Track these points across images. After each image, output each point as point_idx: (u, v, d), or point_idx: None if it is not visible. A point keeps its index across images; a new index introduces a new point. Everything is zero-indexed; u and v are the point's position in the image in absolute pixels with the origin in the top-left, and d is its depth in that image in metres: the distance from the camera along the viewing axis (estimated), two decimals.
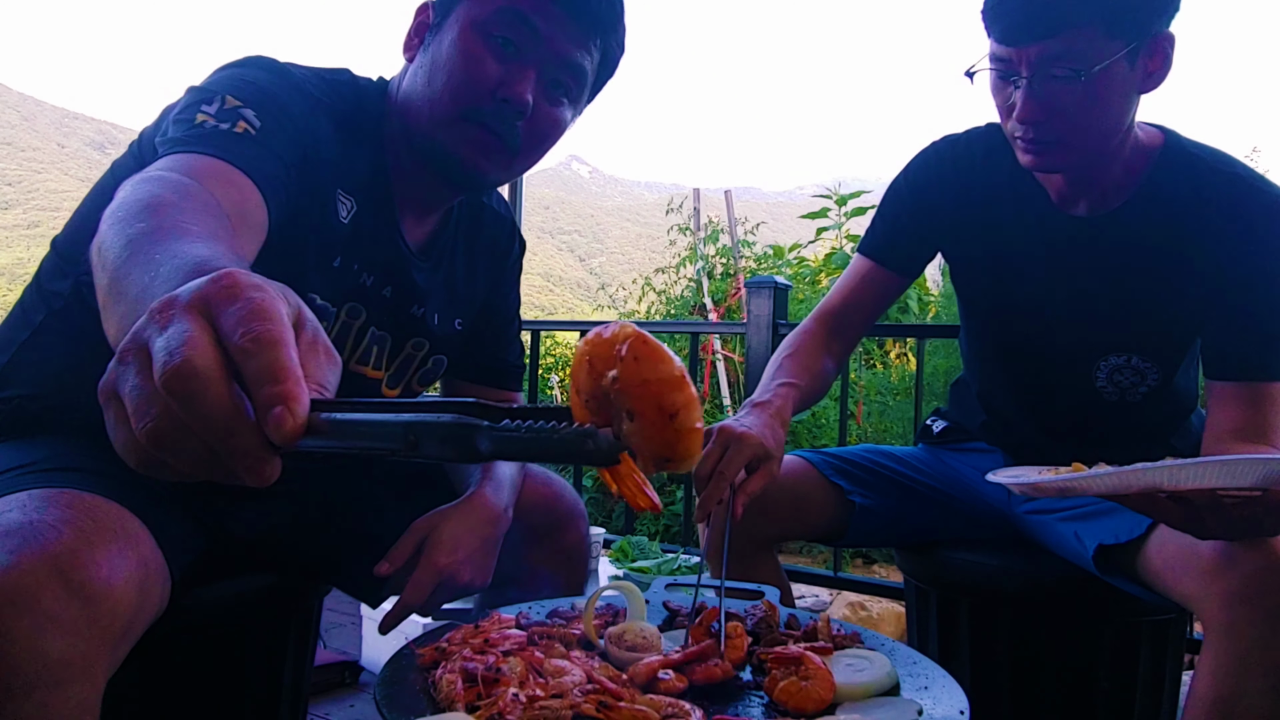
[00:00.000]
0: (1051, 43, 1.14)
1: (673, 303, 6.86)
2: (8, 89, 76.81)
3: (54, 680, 0.72)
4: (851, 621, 1.73)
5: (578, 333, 3.27)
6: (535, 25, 1.03)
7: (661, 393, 0.47)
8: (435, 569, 1.05)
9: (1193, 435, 1.42)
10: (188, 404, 0.41)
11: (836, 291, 1.52)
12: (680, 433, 0.47)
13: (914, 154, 1.49)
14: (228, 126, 0.89)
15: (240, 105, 0.92)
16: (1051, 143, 1.22)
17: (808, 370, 1.40)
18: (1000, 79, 1.23)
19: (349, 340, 1.12)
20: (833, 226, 6.03)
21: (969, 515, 1.50)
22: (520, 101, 1.03)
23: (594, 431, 0.44)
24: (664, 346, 0.48)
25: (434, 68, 1.05)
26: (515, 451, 0.43)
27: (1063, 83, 1.16)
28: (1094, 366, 1.36)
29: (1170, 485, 0.92)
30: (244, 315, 0.42)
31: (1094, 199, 1.31)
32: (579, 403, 0.51)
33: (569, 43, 1.05)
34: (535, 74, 1.05)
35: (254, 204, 0.87)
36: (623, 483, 0.49)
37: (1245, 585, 1.01)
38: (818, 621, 1.01)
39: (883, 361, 5.71)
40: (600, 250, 70.74)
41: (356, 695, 2.06)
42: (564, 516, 1.29)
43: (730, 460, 1.12)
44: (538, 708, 0.76)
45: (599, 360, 0.49)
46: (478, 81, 1.03)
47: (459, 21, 1.04)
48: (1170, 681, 1.39)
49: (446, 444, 0.43)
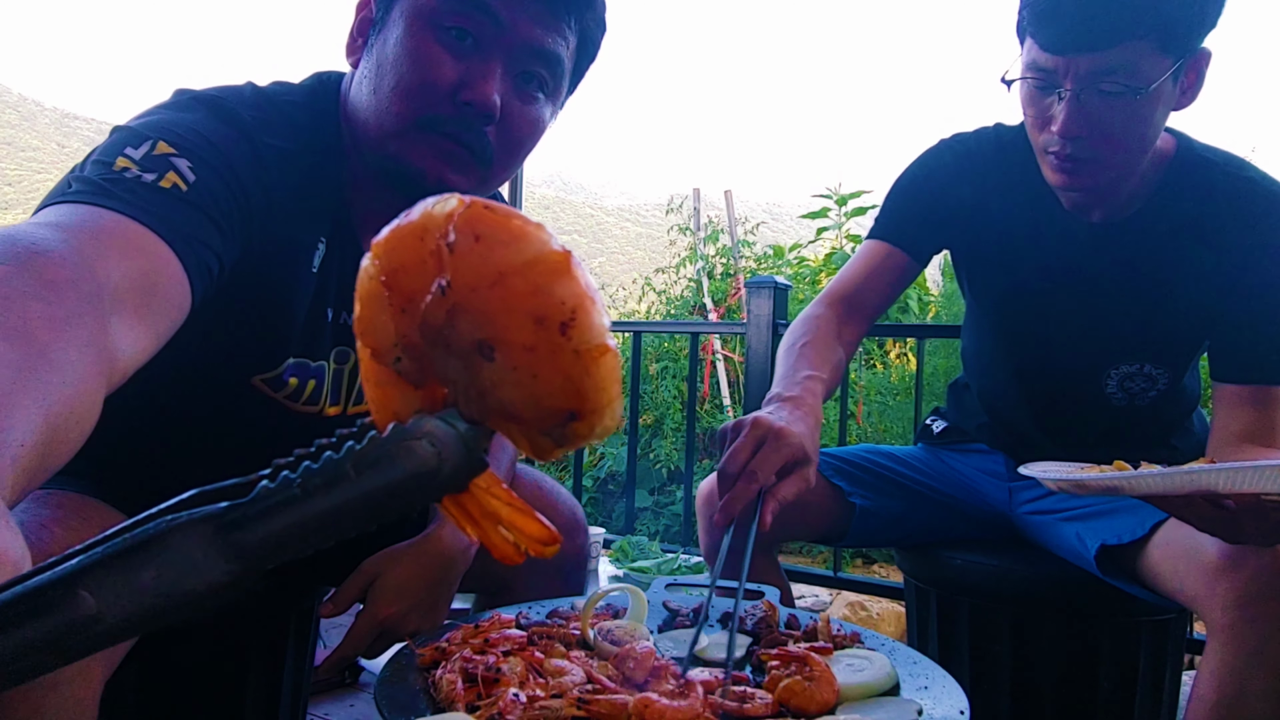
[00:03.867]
0: (1106, 55, 1.08)
1: (673, 303, 6.86)
2: (7, 89, 76.81)
3: (49, 681, 0.71)
4: (851, 621, 1.72)
5: None
6: (494, 10, 0.87)
7: (535, 289, 0.26)
8: (376, 619, 0.99)
9: (1193, 435, 1.42)
10: None
11: (848, 273, 1.43)
12: (582, 356, 0.26)
13: (919, 153, 1.46)
14: (153, 178, 0.73)
15: (173, 154, 0.76)
16: (1087, 160, 1.17)
17: (827, 362, 1.29)
18: (1039, 90, 1.17)
19: (342, 387, 1.03)
20: (833, 226, 6.03)
21: (969, 515, 1.50)
22: (486, 104, 0.88)
23: (417, 428, 0.26)
24: (520, 214, 0.28)
25: (379, 72, 0.89)
26: (278, 540, 0.27)
27: (1113, 99, 1.11)
28: (1105, 374, 1.35)
29: (1226, 488, 0.88)
30: None
31: (1108, 207, 1.30)
32: (376, 370, 0.31)
33: (537, 26, 0.89)
34: (501, 68, 0.89)
35: (168, 276, 0.70)
36: (477, 513, 0.29)
37: (1249, 586, 1.01)
38: (818, 621, 1.01)
39: (883, 361, 5.71)
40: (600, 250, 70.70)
41: (356, 695, 2.06)
42: (560, 529, 1.23)
43: (765, 458, 0.98)
44: (538, 708, 0.76)
45: (408, 273, 0.28)
46: (432, 84, 0.87)
47: (404, 15, 0.89)
48: (1170, 681, 1.39)
49: (126, 596, 0.25)
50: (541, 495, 1.23)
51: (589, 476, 5.37)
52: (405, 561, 1.02)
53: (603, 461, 5.46)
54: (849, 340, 1.39)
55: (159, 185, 0.73)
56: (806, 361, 1.27)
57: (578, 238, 78.58)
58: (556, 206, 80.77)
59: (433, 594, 1.03)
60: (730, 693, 0.83)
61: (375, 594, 1.00)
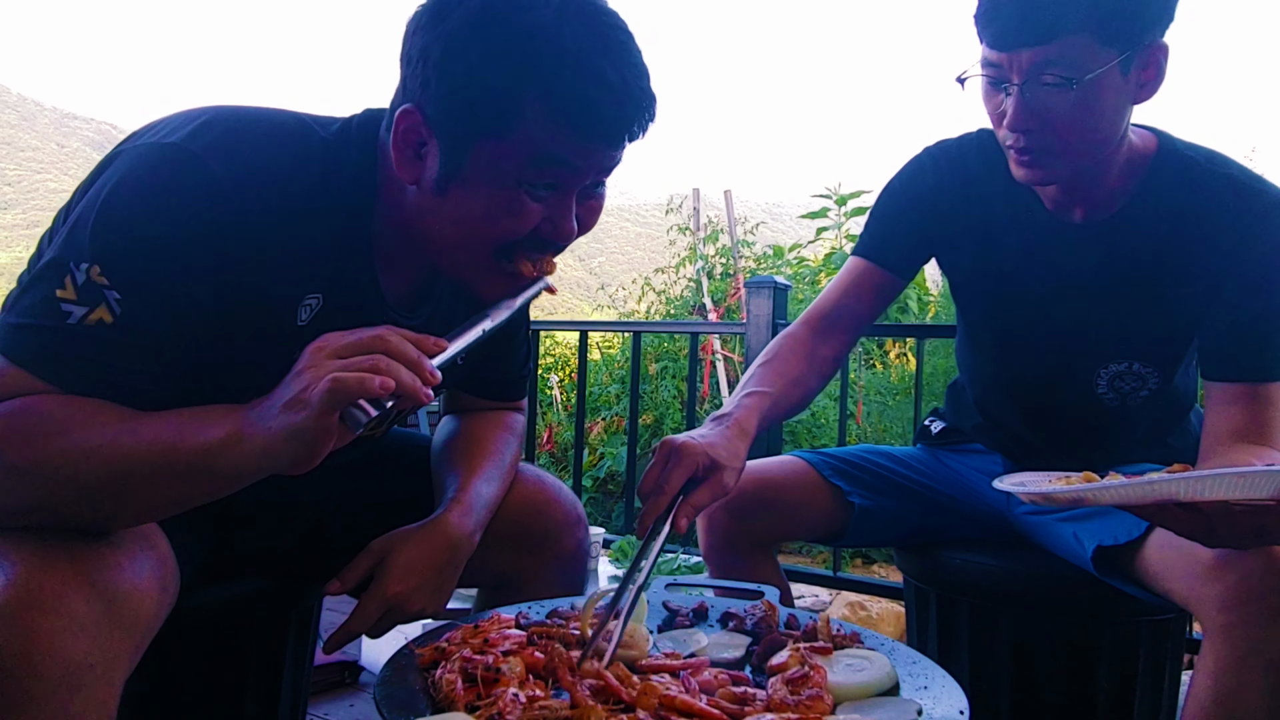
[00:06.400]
0: (1044, 49, 1.13)
1: (672, 303, 6.86)
2: (7, 89, 76.81)
3: (76, 683, 0.72)
4: (851, 621, 1.73)
5: (577, 333, 3.27)
6: (574, 165, 0.91)
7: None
8: (384, 597, 1.00)
9: (1190, 434, 1.42)
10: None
11: (828, 294, 1.48)
12: None
13: (906, 160, 1.47)
14: (81, 314, 0.80)
15: (105, 285, 0.81)
16: (1042, 152, 1.20)
17: (782, 377, 1.35)
18: (992, 86, 1.21)
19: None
20: (833, 226, 6.04)
21: (968, 516, 1.50)
22: (566, 240, 0.95)
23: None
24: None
25: (461, 218, 0.92)
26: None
27: (1054, 90, 1.15)
28: (1094, 374, 1.35)
29: (1187, 496, 0.90)
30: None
31: (1089, 206, 1.30)
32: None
33: (609, 158, 0.93)
34: (575, 197, 0.94)
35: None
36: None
37: (1243, 586, 1.01)
38: (817, 621, 1.01)
39: (882, 361, 5.71)
40: (600, 250, 70.67)
41: (356, 695, 2.06)
42: (561, 524, 1.22)
43: (670, 473, 1.08)
44: (537, 708, 0.76)
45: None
46: (517, 230, 0.92)
47: (488, 176, 0.90)
48: (1170, 681, 1.39)
49: None
50: (544, 491, 1.24)
51: (589, 476, 5.37)
52: (413, 542, 1.03)
53: (602, 461, 5.46)
54: (825, 357, 1.44)
55: (86, 324, 0.80)
56: (755, 380, 1.34)
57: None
58: None
59: (439, 575, 1.04)
60: (730, 694, 0.84)
61: (383, 571, 1.01)
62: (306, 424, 0.72)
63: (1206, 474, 0.88)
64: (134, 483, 0.77)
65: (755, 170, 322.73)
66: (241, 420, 0.76)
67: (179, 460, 0.76)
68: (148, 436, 0.77)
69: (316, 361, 0.75)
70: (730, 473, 1.13)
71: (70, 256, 0.82)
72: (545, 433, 5.95)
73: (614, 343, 6.67)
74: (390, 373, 0.73)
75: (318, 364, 0.74)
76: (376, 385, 0.71)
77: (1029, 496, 1.03)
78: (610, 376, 6.02)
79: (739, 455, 1.16)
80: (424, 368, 0.76)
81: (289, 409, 0.73)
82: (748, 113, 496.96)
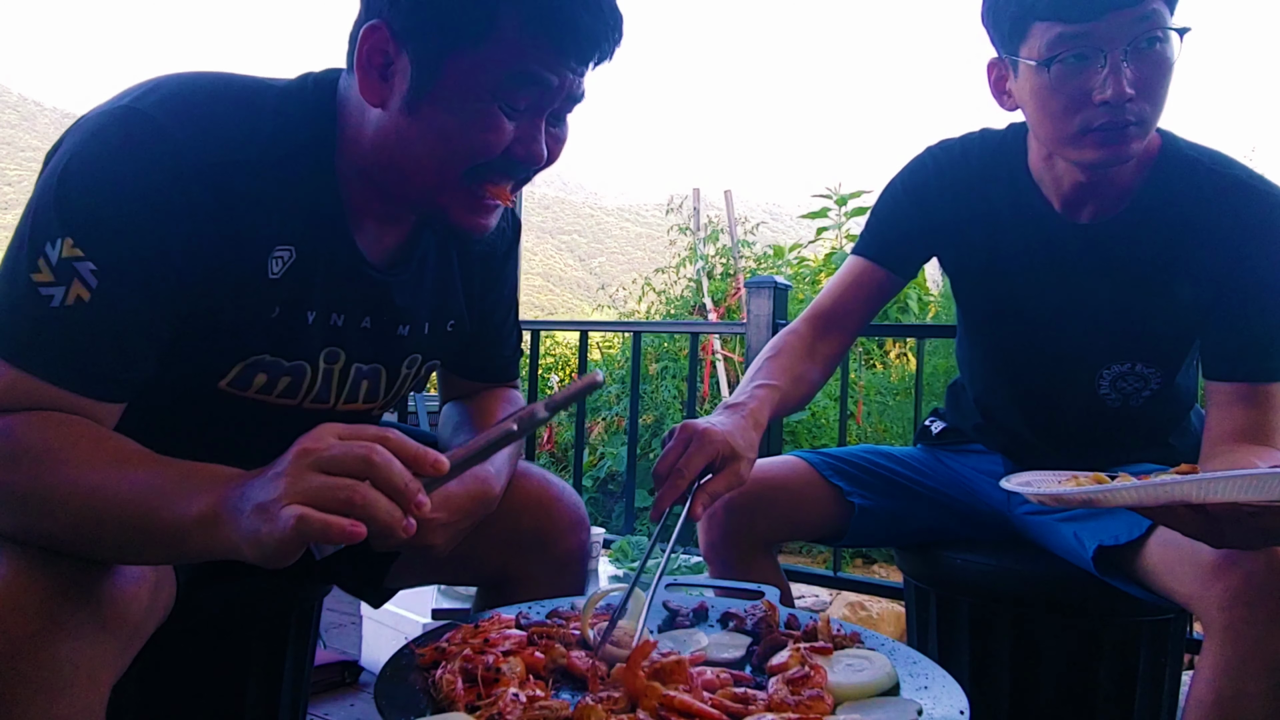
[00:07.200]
0: (1140, 6, 1.11)
1: (672, 303, 6.87)
2: (7, 89, 76.83)
3: (60, 686, 0.72)
4: (851, 621, 1.73)
5: (577, 333, 3.27)
6: (549, 81, 0.91)
7: None
8: (467, 504, 0.97)
9: (1190, 433, 1.42)
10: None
11: (828, 292, 1.48)
12: None
13: (908, 160, 1.47)
14: (60, 294, 0.80)
15: (78, 257, 0.80)
16: (1139, 123, 1.16)
17: (788, 372, 1.36)
18: (1075, 63, 1.15)
19: (333, 385, 1.05)
20: (833, 226, 6.04)
21: (968, 516, 1.50)
22: (536, 160, 0.95)
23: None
24: None
25: (437, 137, 0.91)
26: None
27: (1150, 51, 1.14)
28: (1097, 374, 1.35)
29: (1200, 498, 0.89)
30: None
31: (1100, 204, 1.30)
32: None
33: (577, 80, 0.94)
34: (544, 120, 0.95)
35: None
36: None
37: (1244, 586, 1.01)
38: (817, 621, 1.01)
39: (882, 361, 5.71)
40: (600, 250, 70.69)
41: (356, 695, 2.06)
42: (564, 524, 1.22)
43: (690, 457, 1.07)
44: (537, 708, 0.76)
45: None
46: (492, 146, 0.92)
47: (461, 88, 0.89)
48: (1170, 681, 1.39)
49: None
50: (548, 490, 1.23)
51: (589, 476, 5.38)
52: (454, 483, 0.98)
53: (603, 461, 5.47)
54: (826, 355, 1.45)
55: (65, 305, 0.80)
56: (764, 373, 1.34)
57: (578, 238, 78.57)
58: (556, 206, 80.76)
59: (467, 520, 1.00)
60: (730, 694, 0.84)
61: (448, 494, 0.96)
62: (269, 541, 0.69)
63: (1219, 476, 0.88)
64: (109, 533, 0.76)
65: (755, 170, 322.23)
66: (219, 501, 0.73)
67: (153, 529, 0.74)
68: (130, 492, 0.75)
69: (298, 470, 0.70)
70: (746, 463, 1.13)
71: (41, 236, 0.81)
72: (545, 432, 5.95)
73: (614, 343, 6.68)
74: (366, 509, 0.69)
75: (298, 474, 0.70)
76: (344, 532, 0.68)
77: (1039, 498, 1.02)
78: (610, 376, 6.02)
79: (753, 446, 1.17)
80: (409, 498, 0.71)
81: (259, 515, 0.70)
82: (748, 113, 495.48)
